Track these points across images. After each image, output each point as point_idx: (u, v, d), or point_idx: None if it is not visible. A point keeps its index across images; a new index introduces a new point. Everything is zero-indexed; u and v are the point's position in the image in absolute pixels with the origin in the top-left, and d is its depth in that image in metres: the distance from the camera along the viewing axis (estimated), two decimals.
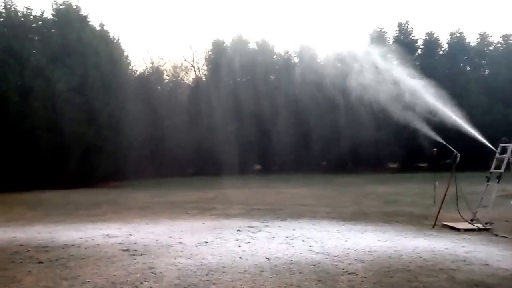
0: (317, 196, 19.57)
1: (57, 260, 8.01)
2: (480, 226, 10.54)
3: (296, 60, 43.10)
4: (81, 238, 10.10)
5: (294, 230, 10.82)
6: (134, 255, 8.34)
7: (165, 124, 38.19)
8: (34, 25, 30.85)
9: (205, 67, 45.89)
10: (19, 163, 26.30)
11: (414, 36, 41.63)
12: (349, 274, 6.88)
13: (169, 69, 46.02)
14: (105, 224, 12.33)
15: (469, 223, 10.80)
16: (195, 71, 46.77)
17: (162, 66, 45.49)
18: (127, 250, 8.78)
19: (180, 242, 9.45)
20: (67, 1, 31.48)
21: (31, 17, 30.57)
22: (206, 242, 9.40)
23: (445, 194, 11.15)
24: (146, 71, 44.35)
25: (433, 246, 8.77)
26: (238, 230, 10.82)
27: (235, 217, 13.44)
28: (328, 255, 8.13)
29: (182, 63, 46.66)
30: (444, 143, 11.75)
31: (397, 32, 41.57)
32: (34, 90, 27.98)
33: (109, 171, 31.81)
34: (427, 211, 13.41)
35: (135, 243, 9.39)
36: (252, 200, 18.26)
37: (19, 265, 7.76)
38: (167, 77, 45.69)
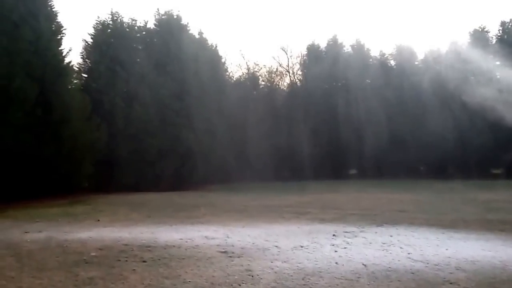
0: (415, 202, 18.92)
1: (159, 259, 8.38)
2: None
3: (392, 62, 42.16)
4: (181, 239, 10.47)
5: (391, 236, 10.56)
6: (231, 257, 8.55)
7: (260, 128, 38.66)
8: (138, 35, 32.80)
9: (300, 72, 46.06)
10: (124, 166, 28.00)
11: None
12: (450, 283, 6.63)
13: (265, 75, 46.68)
14: (203, 226, 12.68)
15: None
16: (290, 76, 47.07)
17: (258, 71, 46.27)
18: (225, 252, 9.00)
19: (276, 246, 9.54)
20: (168, 11, 33.18)
21: (136, 27, 32.56)
22: (302, 246, 9.43)
23: None
24: (242, 77, 45.35)
25: None
26: (333, 235, 10.75)
27: (330, 221, 13.34)
28: (427, 263, 7.86)
29: (277, 68, 47.19)
30: None
31: (500, 31, 38.98)
32: (138, 97, 29.69)
33: (206, 174, 32.80)
34: None
35: (232, 246, 9.60)
36: (347, 205, 18.04)
37: (124, 263, 8.16)
38: (263, 82, 46.37)
